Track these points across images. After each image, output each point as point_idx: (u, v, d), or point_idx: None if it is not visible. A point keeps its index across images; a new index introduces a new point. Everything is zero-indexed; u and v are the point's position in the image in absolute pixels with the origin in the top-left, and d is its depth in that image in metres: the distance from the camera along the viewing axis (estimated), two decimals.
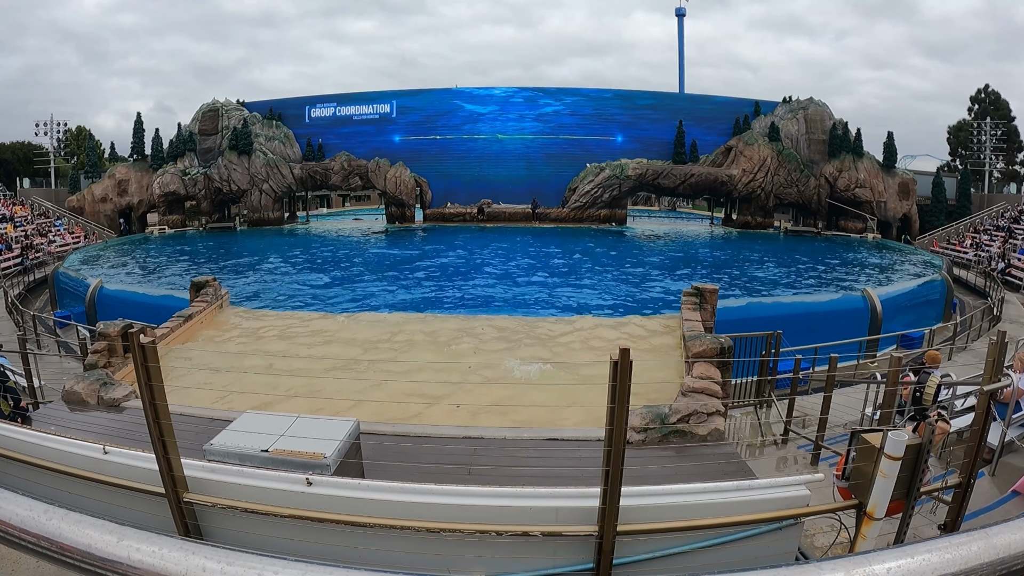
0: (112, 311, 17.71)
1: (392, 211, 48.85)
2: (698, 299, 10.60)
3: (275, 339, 10.14)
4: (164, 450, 3.47)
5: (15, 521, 1.93)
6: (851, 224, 44.92)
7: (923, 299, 22.46)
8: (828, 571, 1.73)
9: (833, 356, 10.25)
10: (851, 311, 19.04)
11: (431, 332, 10.47)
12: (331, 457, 4.26)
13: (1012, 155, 55.56)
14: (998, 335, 4.54)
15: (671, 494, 3.55)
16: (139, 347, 3.35)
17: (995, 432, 7.35)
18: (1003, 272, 30.52)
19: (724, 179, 46.20)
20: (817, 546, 5.50)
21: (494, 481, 3.92)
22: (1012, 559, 1.77)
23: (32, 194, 46.14)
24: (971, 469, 4.26)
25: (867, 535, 3.71)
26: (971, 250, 37.34)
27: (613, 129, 50.44)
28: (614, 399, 3.12)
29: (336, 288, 25.15)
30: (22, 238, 36.02)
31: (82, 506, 2.76)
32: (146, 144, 48.72)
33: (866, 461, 3.77)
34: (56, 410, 7.27)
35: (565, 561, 3.38)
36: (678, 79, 76.88)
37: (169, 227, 45.30)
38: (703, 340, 7.92)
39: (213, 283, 11.87)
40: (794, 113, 47.79)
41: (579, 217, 47.53)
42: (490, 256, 33.92)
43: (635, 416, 6.33)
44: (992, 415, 5.28)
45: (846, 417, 10.65)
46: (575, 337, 10.11)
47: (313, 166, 48.72)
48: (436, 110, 51.27)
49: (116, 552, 1.80)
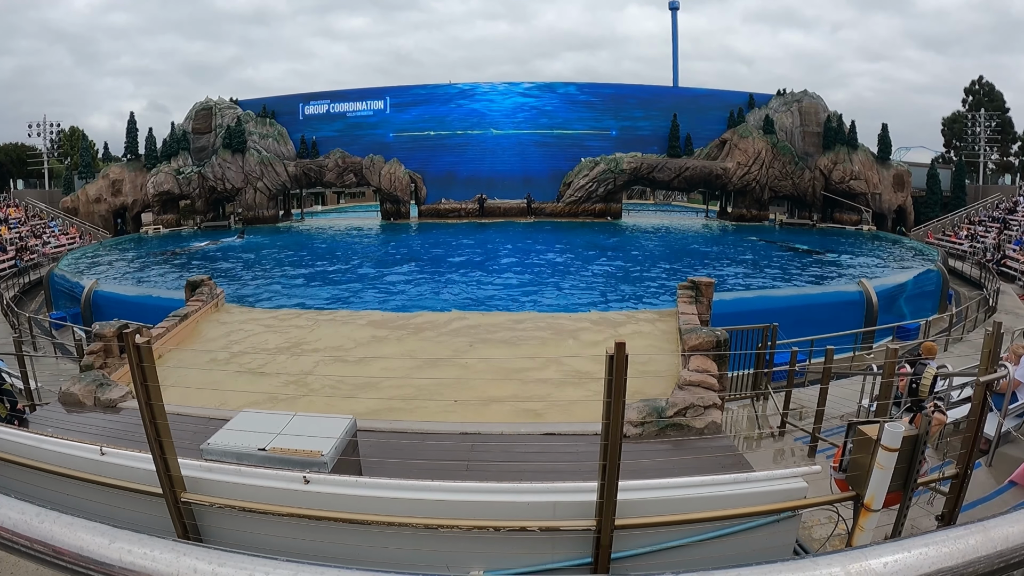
0: (108, 312, 17.68)
1: (387, 207, 48.73)
2: (694, 292, 10.61)
3: (271, 337, 10.11)
4: (161, 450, 3.46)
5: (8, 524, 1.92)
6: (846, 216, 44.98)
7: (918, 290, 22.53)
8: (824, 566, 1.72)
9: (829, 348, 10.25)
10: (847, 303, 19.09)
11: (427, 328, 10.45)
12: (328, 455, 4.25)
13: (1006, 146, 55.71)
14: (994, 326, 4.56)
15: (668, 488, 3.56)
16: (135, 347, 3.33)
17: (991, 423, 7.37)
18: (998, 263, 30.62)
19: (719, 172, 46.21)
20: (815, 538, 5.52)
21: (492, 477, 3.92)
22: (1010, 552, 1.77)
23: (26, 195, 45.80)
24: (968, 460, 4.28)
25: (865, 526, 3.72)
26: (966, 241, 37.45)
27: (608, 123, 50.37)
28: (610, 393, 3.12)
29: (333, 285, 25.11)
30: (16, 240, 35.83)
31: (80, 508, 2.75)
32: (140, 144, 48.40)
33: (863, 453, 3.78)
34: (53, 412, 7.25)
35: (563, 556, 3.38)
36: (672, 73, 76.68)
37: (164, 226, 45.12)
38: (699, 333, 7.92)
39: (208, 282, 11.83)
40: (788, 106, 47.78)
41: (574, 211, 47.50)
42: (486, 251, 33.89)
43: (632, 410, 6.34)
44: (988, 406, 5.29)
45: (843, 409, 10.68)
46: (571, 331, 10.10)
47: (307, 163, 48.58)
48: (430, 106, 51.11)
49: (108, 554, 1.79)
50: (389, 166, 48.02)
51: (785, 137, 46.72)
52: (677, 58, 77.63)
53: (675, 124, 48.91)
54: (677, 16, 78.34)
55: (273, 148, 48.42)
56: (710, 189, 49.77)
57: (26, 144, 55.43)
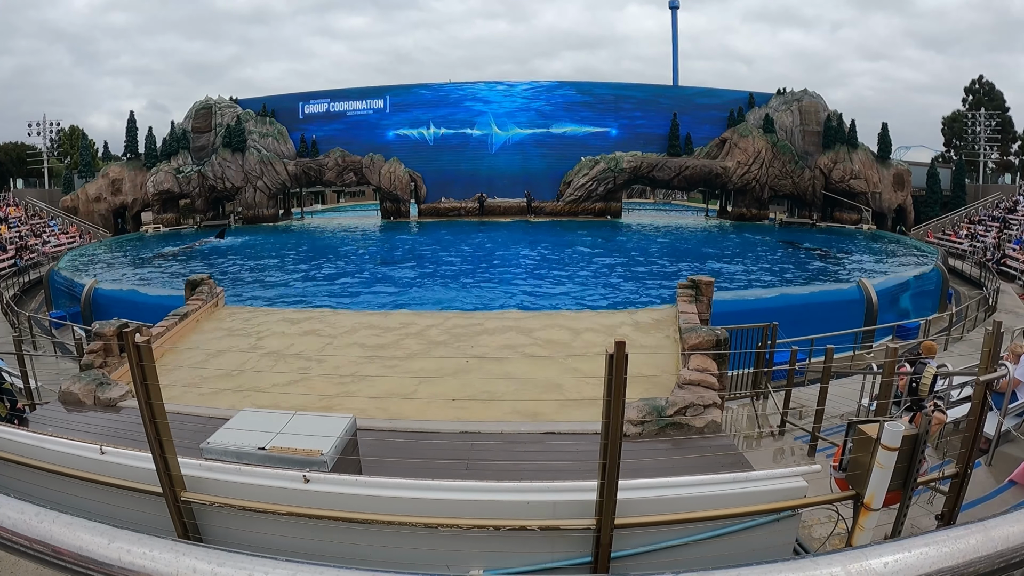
0: (108, 311, 17.67)
1: (387, 206, 48.70)
2: (694, 291, 10.60)
3: (271, 336, 10.11)
4: (161, 449, 3.46)
5: (7, 524, 1.92)
6: (846, 215, 44.94)
7: (918, 289, 22.53)
8: (824, 566, 1.72)
9: (829, 347, 10.24)
10: (847, 302, 19.08)
11: (428, 327, 10.45)
12: (328, 454, 4.25)
13: (1006, 146, 55.67)
14: (993, 325, 4.56)
15: (668, 487, 3.56)
16: (134, 347, 3.33)
17: (991, 422, 7.37)
18: (998, 262, 30.61)
19: (719, 171, 46.19)
20: (815, 537, 5.51)
21: (491, 476, 3.92)
22: (1010, 552, 1.77)
23: (26, 195, 45.76)
24: (968, 459, 4.28)
25: (864, 526, 3.72)
26: (966, 240, 37.44)
27: (607, 122, 50.32)
28: (610, 392, 3.12)
29: (332, 284, 25.10)
30: (16, 239, 35.82)
31: (80, 507, 2.75)
32: (139, 143, 48.33)
33: (863, 452, 3.78)
34: (53, 411, 7.25)
35: (563, 555, 3.38)
36: (672, 72, 76.76)
37: (164, 226, 45.08)
38: (699, 332, 7.92)
39: (208, 281, 11.83)
40: (788, 105, 47.74)
41: (574, 210, 47.47)
42: (485, 250, 33.88)
43: (632, 409, 6.34)
44: (988, 405, 5.29)
45: (843, 408, 10.67)
46: (571, 331, 10.10)
47: (307, 162, 48.54)
48: (430, 105, 51.08)
49: (107, 554, 1.79)
50: (389, 165, 48.00)
51: (785, 136, 46.70)
52: (677, 57, 77.76)
53: (675, 123, 48.87)
54: (677, 15, 78.51)
55: (273, 147, 48.38)
56: (710, 188, 49.74)
57: (26, 143, 55.36)
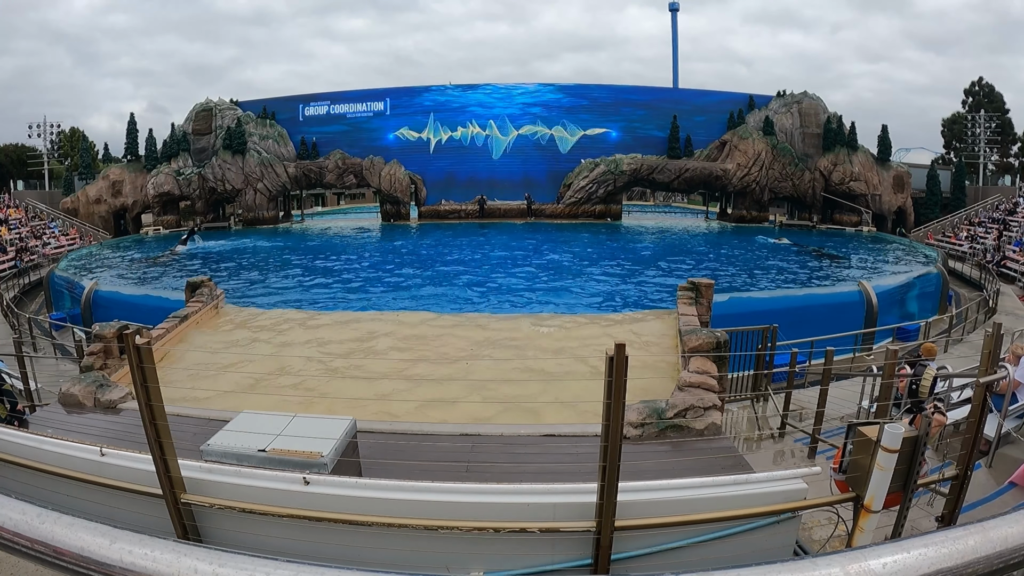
0: (108, 312, 17.65)
1: (387, 209, 48.71)
2: (694, 294, 10.61)
3: (271, 338, 10.11)
4: (161, 451, 3.46)
5: (9, 525, 1.92)
6: (846, 217, 44.95)
7: (919, 292, 22.53)
8: (824, 567, 1.72)
9: (829, 349, 10.25)
10: (847, 304, 19.08)
11: (428, 329, 10.46)
12: (328, 456, 4.25)
13: (1006, 147, 55.72)
14: (994, 327, 4.56)
15: (668, 489, 3.56)
16: (134, 348, 3.33)
17: (991, 424, 7.37)
18: (998, 264, 30.61)
19: (719, 173, 46.22)
20: (815, 539, 5.51)
21: (492, 478, 3.92)
22: (1009, 552, 1.77)
23: (26, 196, 45.77)
24: (968, 461, 4.28)
25: (865, 528, 3.72)
26: (966, 242, 37.44)
27: (607, 124, 50.38)
28: (610, 394, 3.12)
29: (331, 287, 25.10)
30: (17, 241, 35.83)
31: (80, 509, 2.75)
32: (140, 145, 48.37)
33: (863, 454, 3.78)
34: (53, 413, 7.25)
35: (563, 557, 3.38)
36: (672, 74, 76.86)
37: (164, 228, 45.08)
38: (699, 335, 7.93)
39: (208, 283, 11.84)
40: (788, 107, 47.78)
41: (574, 213, 47.50)
42: (485, 252, 33.89)
43: (632, 411, 6.34)
44: (988, 407, 5.29)
45: (843, 410, 10.67)
46: (571, 333, 10.10)
47: (307, 165, 48.57)
48: (430, 107, 51.14)
49: (109, 555, 1.79)
50: (389, 167, 48.03)
51: (785, 138, 46.72)
52: (677, 59, 77.83)
53: (675, 125, 48.88)
54: (677, 17, 78.59)
55: (273, 149, 48.42)
56: (710, 190, 49.75)
57: (26, 145, 55.46)
